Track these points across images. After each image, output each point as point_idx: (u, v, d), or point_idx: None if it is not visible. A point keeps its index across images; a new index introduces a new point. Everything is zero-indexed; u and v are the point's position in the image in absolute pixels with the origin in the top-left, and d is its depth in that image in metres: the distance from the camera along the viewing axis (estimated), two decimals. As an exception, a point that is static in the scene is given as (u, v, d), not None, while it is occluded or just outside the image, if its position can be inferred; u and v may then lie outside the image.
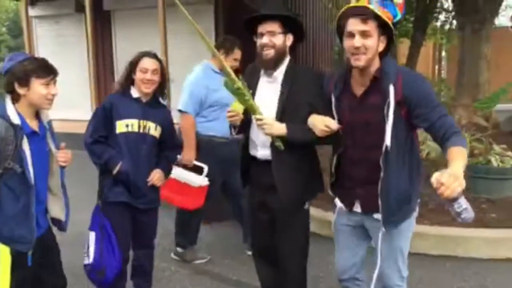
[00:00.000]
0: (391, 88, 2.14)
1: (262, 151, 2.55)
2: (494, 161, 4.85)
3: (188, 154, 3.72)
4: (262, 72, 2.56)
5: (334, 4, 10.51)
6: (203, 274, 3.82)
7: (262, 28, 2.44)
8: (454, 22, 11.78)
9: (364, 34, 2.12)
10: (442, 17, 13.58)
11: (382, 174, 2.21)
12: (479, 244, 4.01)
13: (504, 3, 8.57)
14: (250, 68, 2.68)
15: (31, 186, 2.29)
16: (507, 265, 3.85)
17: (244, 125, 2.58)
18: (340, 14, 2.22)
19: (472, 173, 4.82)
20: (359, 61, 2.16)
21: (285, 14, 2.46)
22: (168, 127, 3.08)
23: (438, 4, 11.71)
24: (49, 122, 2.48)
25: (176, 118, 3.45)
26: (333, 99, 2.33)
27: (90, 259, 2.87)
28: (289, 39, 2.49)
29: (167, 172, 3.12)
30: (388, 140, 2.16)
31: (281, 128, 2.37)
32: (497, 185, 4.81)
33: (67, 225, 2.58)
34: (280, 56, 2.46)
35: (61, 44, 10.84)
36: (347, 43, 2.17)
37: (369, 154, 2.25)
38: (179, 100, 3.78)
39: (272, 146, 2.45)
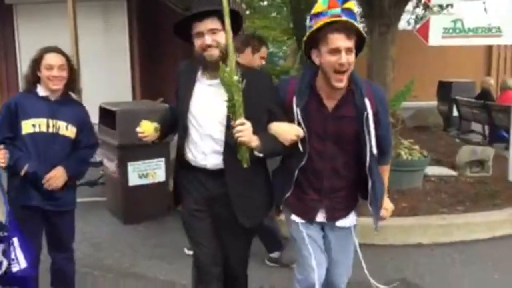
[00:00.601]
0: (367, 101, 2.17)
1: (213, 160, 2.27)
2: (404, 155, 5.20)
3: None
4: (199, 74, 2.30)
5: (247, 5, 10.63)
6: (129, 277, 3.70)
7: (202, 27, 2.18)
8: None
9: (349, 50, 2.08)
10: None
11: (370, 182, 2.25)
12: (394, 232, 4.29)
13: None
14: (184, 68, 2.41)
15: None
16: (418, 249, 4.19)
17: (163, 135, 2.47)
18: (318, 27, 2.10)
19: (384, 166, 5.12)
20: (341, 83, 2.12)
21: (230, 8, 2.20)
22: (84, 125, 2.92)
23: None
24: None
25: (93, 115, 3.20)
26: (296, 110, 2.21)
27: (21, 265, 2.66)
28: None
29: (72, 170, 2.85)
30: (374, 149, 2.21)
31: (255, 139, 2.10)
32: (407, 176, 5.15)
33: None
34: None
35: (-44, 40, 9.94)
36: (330, 58, 2.09)
37: (337, 164, 2.27)
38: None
39: (225, 155, 2.22)
